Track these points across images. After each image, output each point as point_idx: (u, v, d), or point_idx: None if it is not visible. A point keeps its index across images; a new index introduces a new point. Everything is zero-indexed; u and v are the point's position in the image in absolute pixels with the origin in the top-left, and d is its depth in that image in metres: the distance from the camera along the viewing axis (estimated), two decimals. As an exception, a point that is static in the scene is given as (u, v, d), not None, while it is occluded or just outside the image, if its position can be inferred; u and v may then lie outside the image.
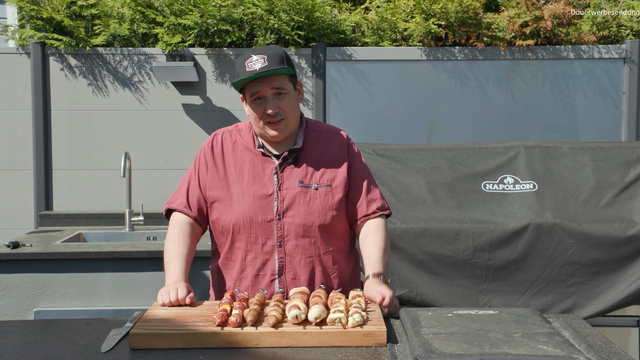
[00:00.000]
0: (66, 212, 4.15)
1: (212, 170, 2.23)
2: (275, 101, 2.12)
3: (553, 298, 3.13)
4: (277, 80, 2.11)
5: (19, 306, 3.32)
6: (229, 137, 2.28)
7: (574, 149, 3.40)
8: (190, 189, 2.26)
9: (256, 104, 2.14)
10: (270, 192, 2.17)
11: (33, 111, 4.17)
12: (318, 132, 2.27)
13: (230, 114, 4.23)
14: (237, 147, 2.24)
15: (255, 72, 2.07)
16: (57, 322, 1.99)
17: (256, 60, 2.08)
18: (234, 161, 2.22)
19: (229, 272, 2.24)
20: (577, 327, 1.85)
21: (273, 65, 2.08)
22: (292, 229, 2.15)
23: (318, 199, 2.17)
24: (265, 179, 2.18)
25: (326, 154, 2.23)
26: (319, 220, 2.16)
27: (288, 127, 2.17)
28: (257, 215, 2.15)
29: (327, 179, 2.19)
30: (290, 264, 2.16)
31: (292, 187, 2.17)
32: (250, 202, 2.16)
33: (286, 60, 2.14)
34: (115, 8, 4.23)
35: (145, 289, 3.35)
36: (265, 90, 2.11)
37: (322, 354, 1.67)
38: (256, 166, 2.20)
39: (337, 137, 2.27)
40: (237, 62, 2.15)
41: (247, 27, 4.16)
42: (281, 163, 2.19)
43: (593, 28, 4.21)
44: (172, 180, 4.25)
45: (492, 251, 3.14)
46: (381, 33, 4.26)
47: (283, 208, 2.16)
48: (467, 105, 4.22)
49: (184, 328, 1.75)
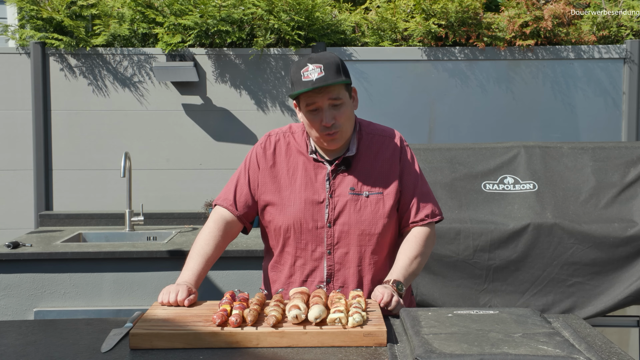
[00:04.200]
0: (66, 212, 4.15)
1: (264, 173, 2.20)
2: (332, 112, 2.06)
3: (553, 298, 3.13)
4: (333, 91, 2.04)
5: (19, 306, 3.32)
6: (282, 139, 2.23)
7: (574, 149, 3.40)
8: (238, 187, 2.23)
9: (312, 115, 2.07)
10: (322, 199, 2.13)
11: (33, 111, 4.17)
12: (371, 135, 2.20)
13: (230, 114, 4.24)
14: (291, 151, 2.20)
15: (312, 83, 2.00)
16: (57, 322, 1.99)
17: (312, 70, 2.02)
18: (287, 165, 2.19)
19: (278, 274, 2.22)
20: (577, 327, 1.85)
21: (330, 76, 2.02)
22: (342, 237, 2.12)
23: (369, 207, 2.13)
24: (317, 185, 2.14)
25: (379, 159, 2.17)
26: (369, 228, 2.13)
27: (343, 137, 2.12)
28: (308, 222, 2.13)
29: (378, 186, 2.15)
30: (339, 272, 2.14)
31: (344, 195, 2.13)
32: (302, 208, 2.13)
33: (342, 68, 2.06)
34: (115, 8, 4.23)
35: (145, 289, 3.35)
36: (321, 102, 2.05)
37: (322, 354, 1.67)
38: (309, 171, 2.16)
39: (390, 141, 2.20)
40: (291, 70, 2.07)
41: (247, 27, 4.16)
42: (334, 169, 2.15)
43: (593, 28, 4.21)
44: (172, 180, 4.25)
45: (492, 251, 3.14)
46: (381, 33, 4.26)
47: (334, 215, 2.13)
48: (467, 105, 4.22)
49: (184, 328, 1.75)
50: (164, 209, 4.22)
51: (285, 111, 4.24)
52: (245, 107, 4.24)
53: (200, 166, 4.26)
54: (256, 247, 3.41)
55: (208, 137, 4.25)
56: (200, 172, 4.26)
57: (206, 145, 4.25)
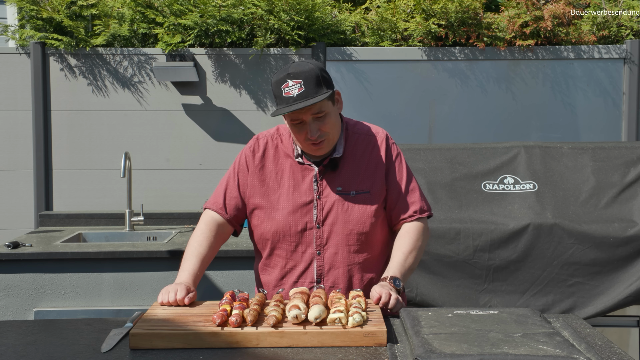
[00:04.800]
0: (66, 212, 4.15)
1: (252, 176, 2.21)
2: (316, 124, 2.05)
3: (553, 298, 3.13)
4: (315, 106, 2.03)
5: (19, 306, 3.32)
6: (270, 142, 2.23)
7: (574, 149, 3.40)
8: (227, 191, 2.24)
9: (297, 127, 2.07)
10: (310, 200, 2.14)
11: (33, 111, 4.17)
12: (357, 134, 2.20)
13: (230, 114, 4.24)
14: (278, 154, 2.21)
15: (293, 99, 1.99)
16: (57, 322, 1.99)
17: (292, 86, 2.00)
18: (275, 168, 2.19)
19: (268, 277, 2.23)
20: (577, 327, 1.85)
21: (310, 91, 2.00)
22: (331, 237, 2.13)
23: (356, 206, 2.13)
24: (304, 187, 2.15)
25: (365, 158, 2.18)
26: (357, 228, 2.13)
27: (330, 144, 2.11)
28: (297, 224, 2.14)
29: (365, 185, 2.15)
30: (329, 273, 2.14)
31: (332, 195, 2.14)
32: (290, 211, 2.14)
33: (322, 79, 2.03)
34: (115, 8, 4.23)
35: (145, 289, 3.35)
36: (305, 117, 2.04)
37: (322, 354, 1.67)
38: (296, 174, 2.17)
39: (375, 140, 2.21)
40: (272, 83, 2.07)
41: (247, 27, 4.16)
42: (321, 171, 2.15)
43: (593, 28, 4.21)
44: (172, 181, 4.25)
45: (492, 251, 3.14)
46: (381, 33, 4.26)
47: (322, 216, 2.13)
48: (467, 105, 4.22)
49: (184, 328, 1.75)
50: (164, 209, 4.23)
51: (285, 111, 4.24)
52: (245, 107, 4.24)
53: (200, 166, 4.26)
54: None
55: (208, 137, 4.25)
56: (200, 172, 4.26)
57: (206, 145, 4.25)
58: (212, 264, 3.39)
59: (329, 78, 2.09)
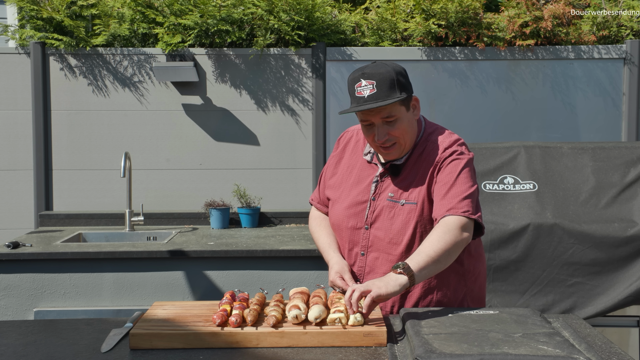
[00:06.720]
0: (66, 212, 4.15)
1: (332, 168, 2.26)
2: (385, 128, 2.01)
3: (553, 298, 3.13)
4: (385, 110, 1.98)
5: (19, 306, 3.32)
6: (354, 137, 2.26)
7: (574, 149, 3.40)
8: (320, 185, 2.32)
9: (367, 128, 2.05)
10: (365, 200, 2.12)
11: (33, 111, 4.17)
12: (427, 142, 2.11)
13: (230, 114, 4.24)
14: (357, 148, 2.22)
15: (364, 100, 1.97)
16: (57, 322, 1.99)
17: (365, 86, 1.98)
18: (349, 162, 2.21)
19: None
20: (577, 327, 1.85)
21: (382, 94, 1.96)
22: (375, 241, 2.10)
23: (401, 216, 2.07)
24: (364, 186, 2.14)
25: (422, 168, 2.08)
26: (396, 237, 2.07)
27: (401, 149, 2.06)
28: (350, 221, 2.14)
29: (414, 196, 2.06)
30: (369, 276, 2.11)
31: (384, 200, 2.10)
32: (346, 206, 2.15)
33: (398, 84, 1.99)
34: (115, 8, 4.23)
35: (145, 289, 3.35)
36: (374, 119, 2.01)
37: (322, 354, 1.67)
38: (362, 171, 2.17)
39: (437, 149, 2.08)
40: (348, 81, 2.04)
41: (247, 27, 4.16)
42: (383, 173, 2.12)
43: (593, 28, 4.21)
44: (172, 180, 4.25)
45: (492, 251, 3.14)
46: (381, 33, 4.26)
47: (372, 219, 2.11)
48: (467, 105, 4.22)
49: (184, 328, 1.75)
50: (164, 209, 4.23)
51: (285, 111, 4.24)
52: (245, 107, 4.24)
53: (200, 166, 4.26)
54: (256, 247, 3.41)
55: (208, 137, 4.25)
56: (200, 172, 4.26)
57: (206, 145, 4.25)
58: (212, 264, 3.41)
59: (407, 83, 2.04)
